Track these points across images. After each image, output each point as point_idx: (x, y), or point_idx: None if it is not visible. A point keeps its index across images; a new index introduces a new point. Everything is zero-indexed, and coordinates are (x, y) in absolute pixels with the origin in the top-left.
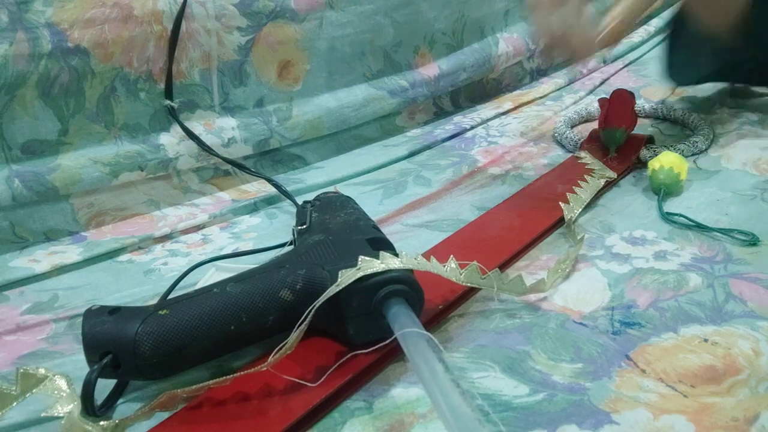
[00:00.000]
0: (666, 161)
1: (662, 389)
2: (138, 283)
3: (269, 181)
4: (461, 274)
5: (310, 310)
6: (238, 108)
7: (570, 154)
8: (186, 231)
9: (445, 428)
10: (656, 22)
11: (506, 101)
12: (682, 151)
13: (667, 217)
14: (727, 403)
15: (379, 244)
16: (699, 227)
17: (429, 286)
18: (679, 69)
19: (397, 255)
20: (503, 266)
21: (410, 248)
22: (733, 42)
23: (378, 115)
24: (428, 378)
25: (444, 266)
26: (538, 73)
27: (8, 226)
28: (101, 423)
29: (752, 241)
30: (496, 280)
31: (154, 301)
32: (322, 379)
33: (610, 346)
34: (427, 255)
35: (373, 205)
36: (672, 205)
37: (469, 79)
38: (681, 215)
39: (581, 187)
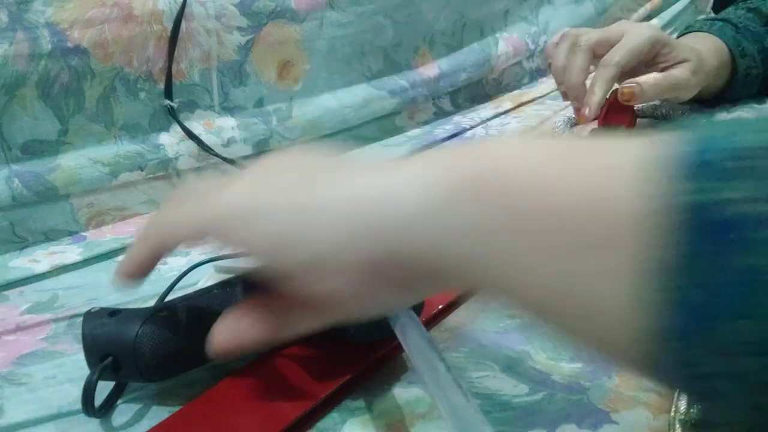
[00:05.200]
0: None
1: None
2: None
3: None
4: None
5: None
6: (238, 108)
7: None
8: None
9: (448, 429)
10: (656, 23)
11: (506, 101)
12: None
13: None
14: None
15: None
16: None
17: None
18: None
19: None
20: None
21: None
22: None
23: (378, 115)
24: (430, 378)
25: None
26: (538, 73)
27: (8, 226)
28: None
29: None
30: None
31: (154, 301)
32: (322, 379)
33: None
34: None
35: None
36: None
37: (469, 79)
38: None
39: None
